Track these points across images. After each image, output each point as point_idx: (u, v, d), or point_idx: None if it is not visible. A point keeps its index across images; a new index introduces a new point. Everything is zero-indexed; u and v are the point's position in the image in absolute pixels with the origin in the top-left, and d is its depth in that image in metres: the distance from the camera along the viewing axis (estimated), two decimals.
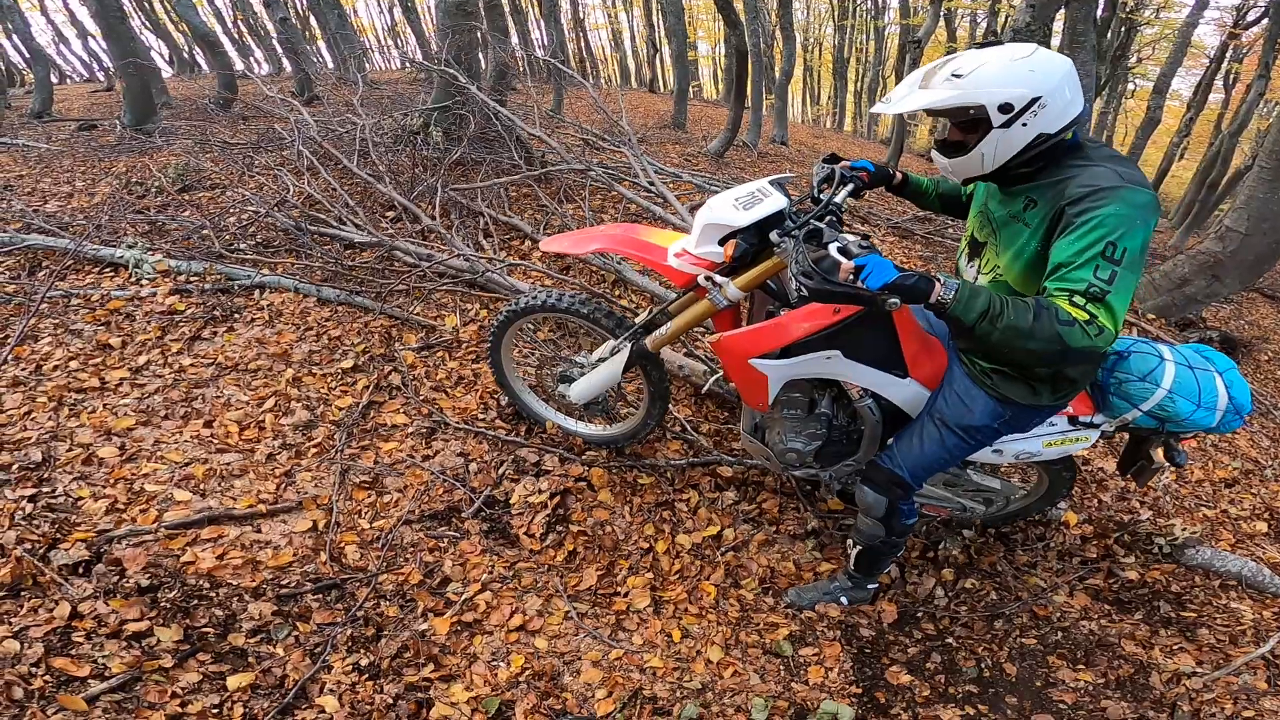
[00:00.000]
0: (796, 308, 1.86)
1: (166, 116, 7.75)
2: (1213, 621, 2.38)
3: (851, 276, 1.43)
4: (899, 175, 2.06)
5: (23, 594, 1.87)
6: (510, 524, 2.48)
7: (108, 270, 3.59)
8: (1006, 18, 11.82)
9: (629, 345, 2.21)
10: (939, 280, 1.43)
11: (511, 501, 2.55)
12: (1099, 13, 6.64)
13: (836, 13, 20.43)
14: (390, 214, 4.41)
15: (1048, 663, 2.21)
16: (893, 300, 1.41)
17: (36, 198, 4.92)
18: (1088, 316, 1.33)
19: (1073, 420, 1.99)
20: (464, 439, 2.73)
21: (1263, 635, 2.32)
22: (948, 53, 2.18)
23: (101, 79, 14.24)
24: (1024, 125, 1.42)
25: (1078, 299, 1.35)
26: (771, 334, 1.85)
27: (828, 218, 1.78)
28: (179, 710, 1.70)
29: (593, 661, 2.07)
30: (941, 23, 11.62)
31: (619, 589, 2.33)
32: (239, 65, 13.33)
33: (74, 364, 2.78)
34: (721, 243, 1.86)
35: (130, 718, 1.66)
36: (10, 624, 1.79)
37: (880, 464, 1.98)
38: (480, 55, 6.23)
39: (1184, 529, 2.69)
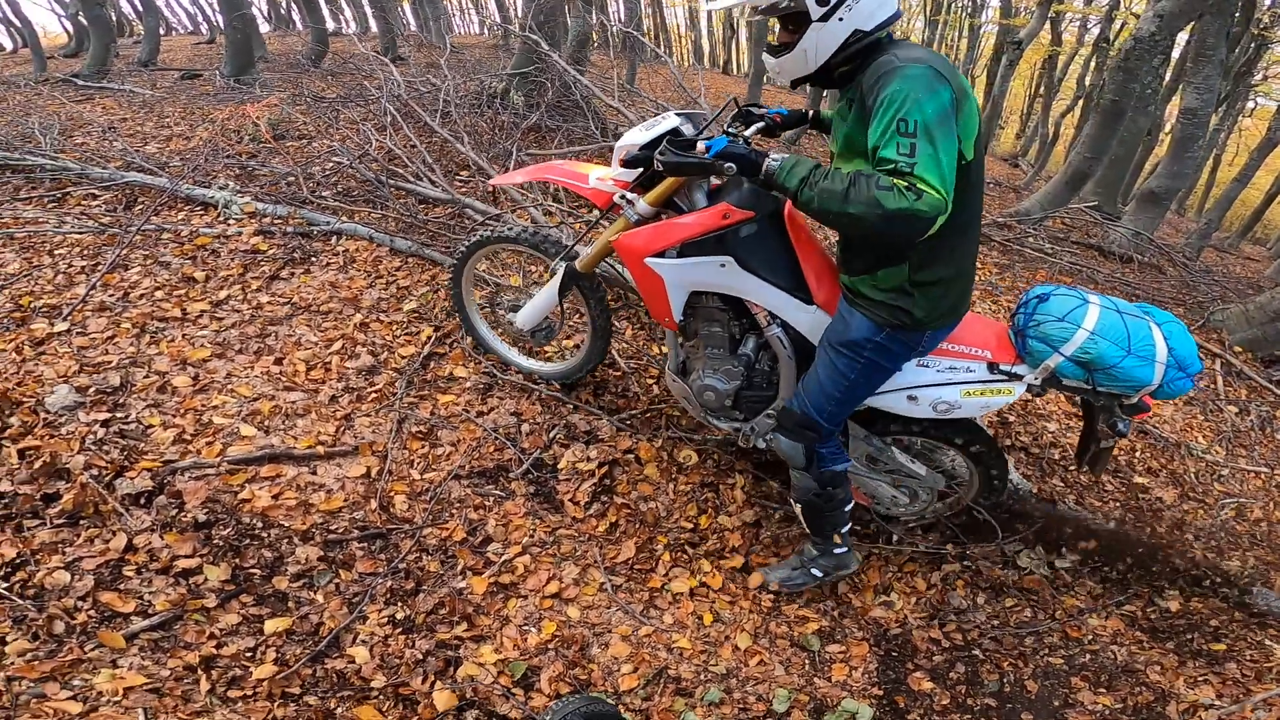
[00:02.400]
0: None
1: (263, 69, 7.89)
2: (1242, 656, 2.21)
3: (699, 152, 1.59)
4: (811, 113, 2.10)
5: (82, 522, 1.87)
6: (556, 489, 2.41)
7: (199, 209, 3.64)
8: (1123, 25, 10.91)
9: (563, 266, 2.23)
10: (771, 156, 1.55)
11: (559, 466, 2.47)
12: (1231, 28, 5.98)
13: (929, 7, 19.33)
14: (464, 173, 4.33)
15: (1070, 684, 2.10)
16: (728, 165, 1.55)
17: (138, 140, 5.05)
18: (906, 184, 1.35)
19: (992, 367, 1.89)
20: (518, 398, 2.63)
21: None
22: (1049, 57, 2.11)
23: (204, 32, 14.71)
24: (840, 20, 1.49)
25: (887, 177, 1.37)
26: (664, 231, 1.90)
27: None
28: (213, 652, 1.67)
29: (622, 636, 2.00)
30: (1047, 25, 10.78)
31: (655, 565, 2.26)
32: (331, 24, 13.51)
33: (159, 294, 2.80)
34: (627, 164, 1.92)
35: (165, 656, 1.64)
36: (64, 553, 1.78)
37: (789, 407, 1.95)
38: (561, 24, 6.07)
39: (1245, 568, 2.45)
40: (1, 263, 2.95)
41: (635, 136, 1.91)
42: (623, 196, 1.97)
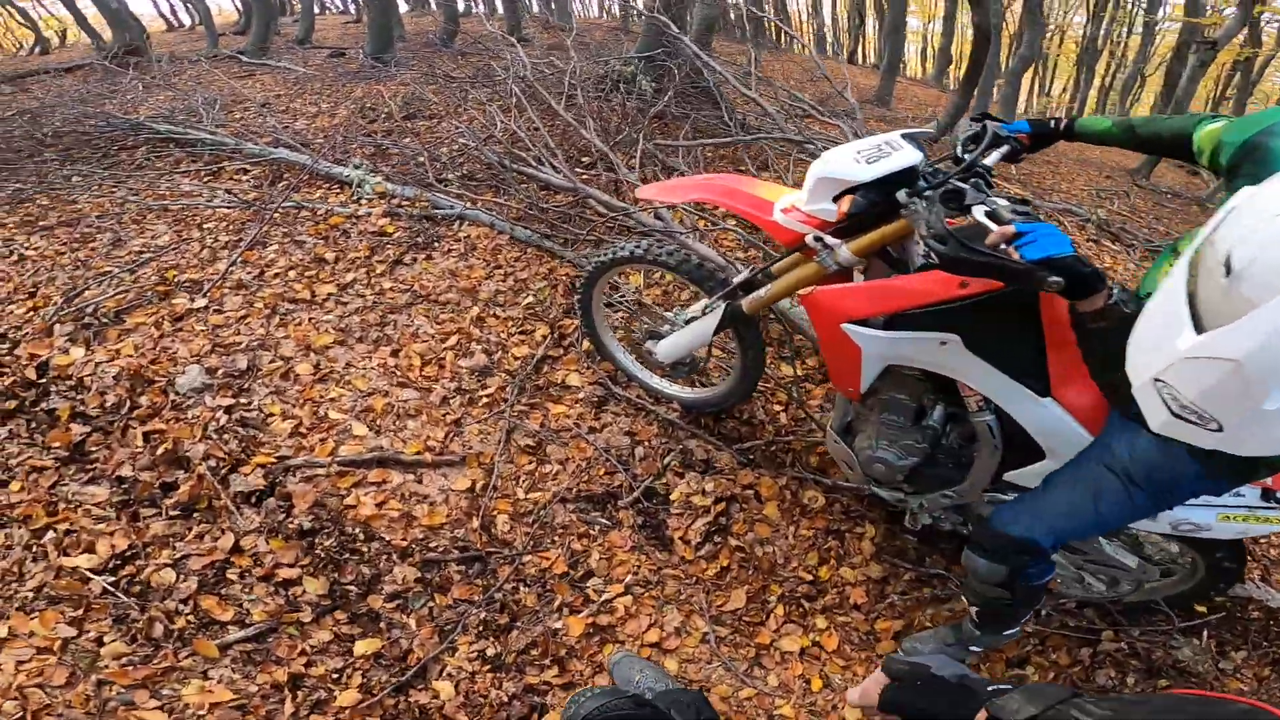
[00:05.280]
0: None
1: (400, 49, 7.99)
2: None
3: (1004, 245, 1.10)
4: (1064, 123, 1.62)
5: (195, 515, 1.79)
6: (666, 523, 2.12)
7: (335, 188, 3.59)
8: None
9: (722, 305, 1.86)
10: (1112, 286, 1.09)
11: (672, 497, 2.17)
12: None
13: (1094, 2, 17.11)
14: (585, 159, 4.07)
15: None
16: (1054, 280, 1.06)
17: (289, 115, 5.17)
18: None
19: (1267, 494, 1.43)
20: (634, 417, 2.35)
21: None
22: (1246, 59, 1.40)
23: (352, 12, 15.33)
24: None
25: None
26: (877, 295, 1.43)
27: (972, 180, 1.37)
28: (302, 670, 1.53)
29: (721, 696, 1.73)
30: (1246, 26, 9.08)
31: (766, 619, 1.94)
32: (461, 5, 13.67)
33: (292, 274, 2.73)
34: (837, 199, 1.49)
35: (255, 670, 1.51)
36: (174, 548, 1.70)
37: (997, 526, 1.41)
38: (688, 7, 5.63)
39: None
40: (154, 234, 3.00)
41: (850, 167, 1.43)
42: (818, 238, 1.53)
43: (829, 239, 1.50)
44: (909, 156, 1.41)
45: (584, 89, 4.17)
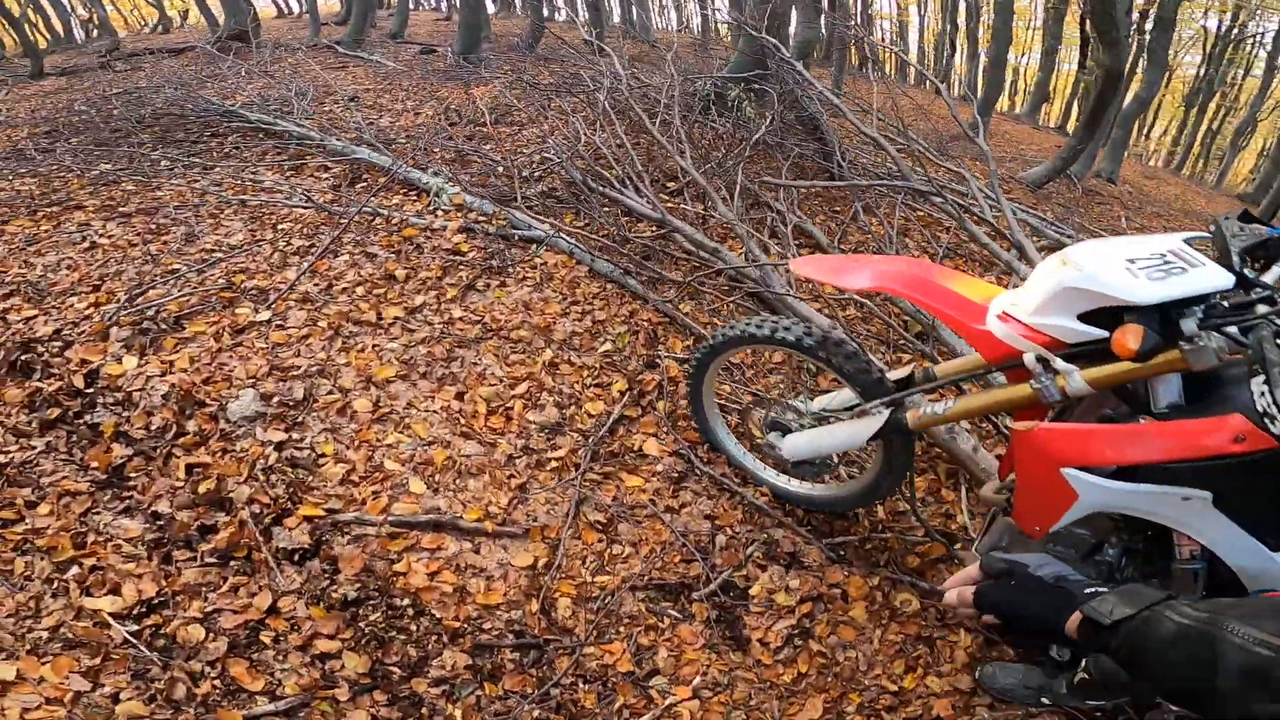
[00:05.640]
0: (1164, 419, 1.14)
1: (487, 49, 7.95)
2: None
3: None
4: None
5: (232, 564, 1.60)
6: (744, 621, 1.83)
7: (412, 194, 3.44)
8: None
9: (884, 413, 1.55)
10: None
11: (752, 592, 1.88)
12: None
13: (1210, 43, 16.02)
14: (671, 185, 3.80)
15: None
16: None
17: (375, 111, 5.10)
18: None
19: None
20: (717, 498, 2.06)
21: None
22: None
23: (443, 10, 15.60)
24: None
25: None
26: (1124, 443, 1.14)
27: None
28: None
29: None
30: None
31: None
32: (545, 10, 13.69)
33: (360, 290, 2.55)
34: (1093, 319, 1.15)
35: None
36: (206, 600, 1.51)
37: None
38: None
39: None
40: (229, 231, 2.88)
41: (1125, 281, 1.09)
42: (1042, 359, 1.24)
43: (1059, 362, 1.19)
44: (1214, 278, 1.06)
45: (678, 108, 3.89)
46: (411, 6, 12.56)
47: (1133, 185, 9.31)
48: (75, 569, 1.60)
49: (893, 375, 1.58)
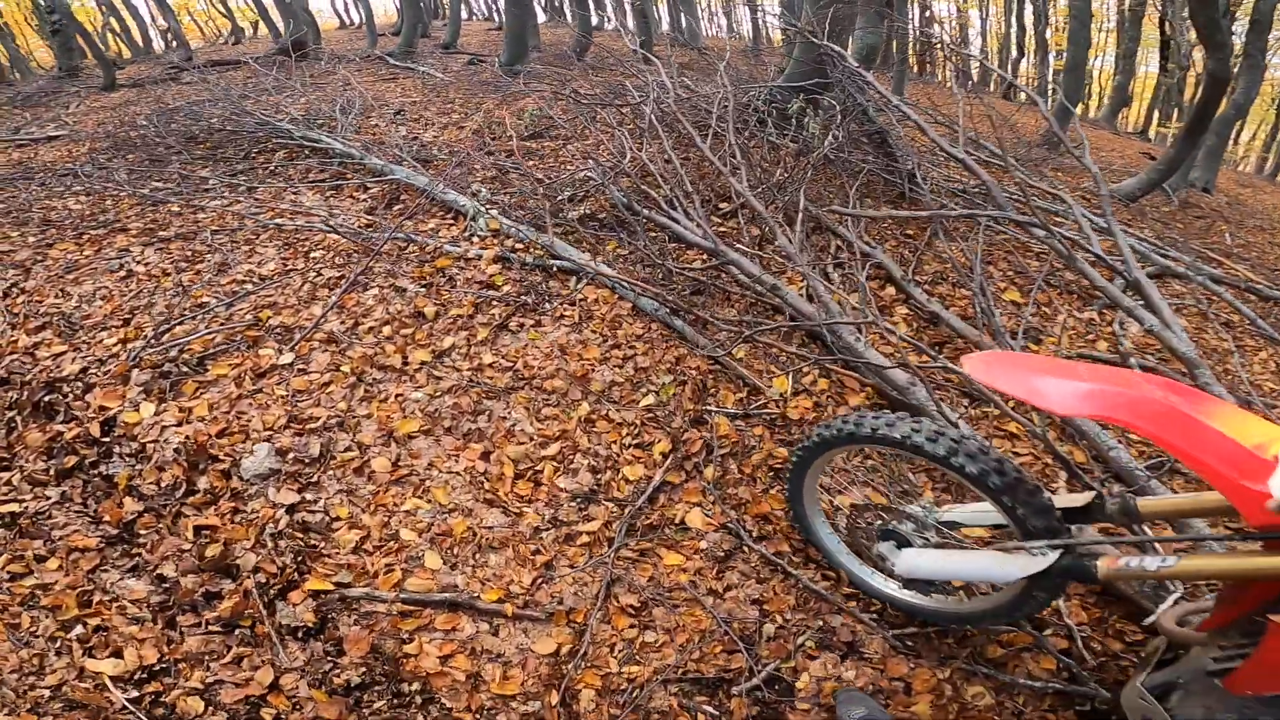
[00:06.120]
0: None
1: (535, 59, 7.84)
2: None
3: None
4: None
5: (236, 633, 1.48)
6: (787, 718, 1.56)
7: (449, 217, 3.29)
8: None
9: (1051, 555, 1.22)
10: None
11: (799, 686, 1.61)
12: None
13: None
14: (723, 205, 3.54)
15: None
16: None
17: (419, 125, 5.01)
18: None
19: None
20: (767, 580, 1.79)
21: None
22: None
23: (495, 19, 15.70)
24: None
25: None
26: None
27: None
28: None
29: None
30: None
31: None
32: (594, 19, 13.55)
33: (386, 329, 2.39)
34: None
35: None
36: (208, 670, 1.40)
37: None
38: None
39: None
40: (261, 259, 2.78)
41: None
42: None
43: None
44: None
45: (731, 122, 3.63)
46: (465, 16, 12.67)
47: (1228, 195, 8.47)
48: (80, 628, 1.54)
49: (1061, 501, 1.24)
